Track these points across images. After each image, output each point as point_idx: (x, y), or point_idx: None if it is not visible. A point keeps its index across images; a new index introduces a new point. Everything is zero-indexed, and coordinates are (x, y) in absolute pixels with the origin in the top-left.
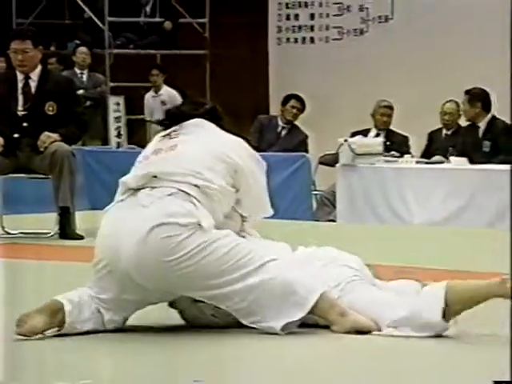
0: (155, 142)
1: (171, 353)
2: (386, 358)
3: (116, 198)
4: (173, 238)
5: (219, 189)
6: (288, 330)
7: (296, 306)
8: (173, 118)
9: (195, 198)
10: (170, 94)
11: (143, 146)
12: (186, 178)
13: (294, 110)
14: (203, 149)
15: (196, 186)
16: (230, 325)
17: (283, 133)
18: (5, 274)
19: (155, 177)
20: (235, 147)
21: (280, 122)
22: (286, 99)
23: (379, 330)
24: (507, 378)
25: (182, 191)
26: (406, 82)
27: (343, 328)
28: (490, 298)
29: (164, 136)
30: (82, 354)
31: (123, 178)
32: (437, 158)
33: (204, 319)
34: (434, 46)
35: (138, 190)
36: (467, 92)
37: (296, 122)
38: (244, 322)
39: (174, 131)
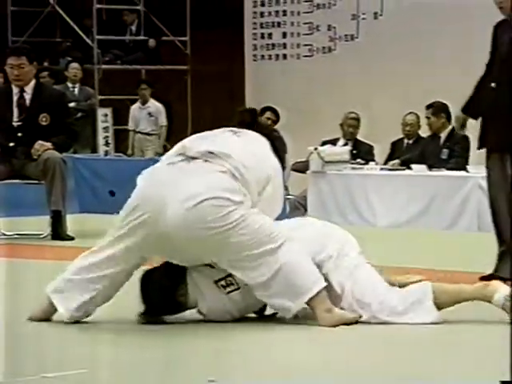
0: (214, 131)
1: (168, 345)
2: (383, 346)
3: (165, 158)
4: (223, 208)
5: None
6: (288, 314)
7: (298, 293)
8: (247, 124)
9: (240, 182)
10: (156, 107)
11: (129, 154)
12: (237, 163)
13: (269, 122)
14: (255, 151)
15: (241, 175)
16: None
17: None
18: (1, 272)
19: (211, 153)
20: (277, 172)
21: None
22: (262, 111)
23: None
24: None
25: (231, 173)
26: (370, 95)
27: (329, 323)
28: (473, 299)
29: (230, 131)
30: (79, 344)
31: (183, 143)
32: (395, 161)
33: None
34: (395, 63)
35: (191, 158)
36: (430, 106)
37: None
38: (257, 294)
39: (239, 131)
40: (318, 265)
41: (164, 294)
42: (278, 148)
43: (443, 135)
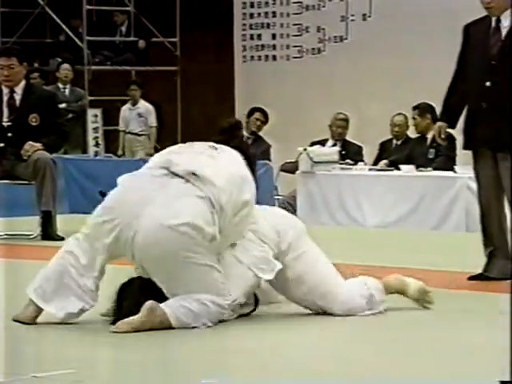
0: (196, 145)
1: (161, 344)
2: (382, 345)
3: (150, 166)
4: (193, 239)
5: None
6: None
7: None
8: (225, 139)
9: (216, 211)
10: (146, 108)
11: (119, 155)
12: (218, 191)
13: (258, 122)
14: (236, 175)
15: (219, 203)
16: None
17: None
18: None
19: (195, 175)
20: (253, 197)
21: (245, 133)
22: (251, 112)
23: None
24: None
25: (210, 200)
26: (360, 96)
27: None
28: (394, 293)
29: (209, 146)
30: (72, 344)
31: (170, 157)
32: (381, 163)
33: None
34: (384, 63)
35: (174, 175)
36: (416, 107)
37: (260, 133)
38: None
39: (217, 147)
40: (278, 256)
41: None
42: (252, 163)
43: (430, 135)
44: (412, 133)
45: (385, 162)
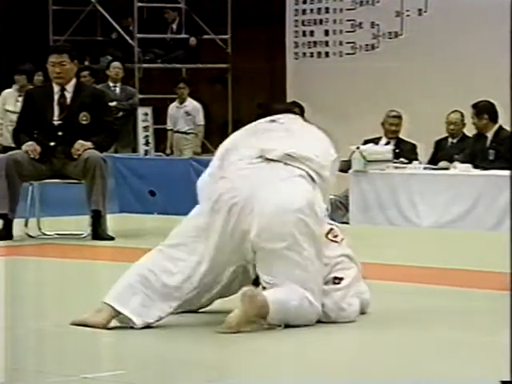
0: (260, 125)
1: (206, 346)
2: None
3: (240, 158)
4: (305, 222)
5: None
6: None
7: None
8: (270, 111)
9: (317, 184)
10: (194, 106)
11: (167, 154)
12: (315, 165)
13: None
14: (321, 138)
15: (319, 175)
16: None
17: None
18: (42, 271)
19: (290, 156)
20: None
21: None
22: None
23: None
24: None
25: (310, 176)
26: (414, 93)
27: None
28: None
29: (270, 121)
30: (120, 345)
31: (260, 145)
32: (442, 164)
33: None
34: (441, 60)
35: (271, 161)
36: (474, 106)
37: None
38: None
39: (279, 118)
40: None
41: None
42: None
43: (489, 134)
44: (470, 130)
45: (444, 163)
